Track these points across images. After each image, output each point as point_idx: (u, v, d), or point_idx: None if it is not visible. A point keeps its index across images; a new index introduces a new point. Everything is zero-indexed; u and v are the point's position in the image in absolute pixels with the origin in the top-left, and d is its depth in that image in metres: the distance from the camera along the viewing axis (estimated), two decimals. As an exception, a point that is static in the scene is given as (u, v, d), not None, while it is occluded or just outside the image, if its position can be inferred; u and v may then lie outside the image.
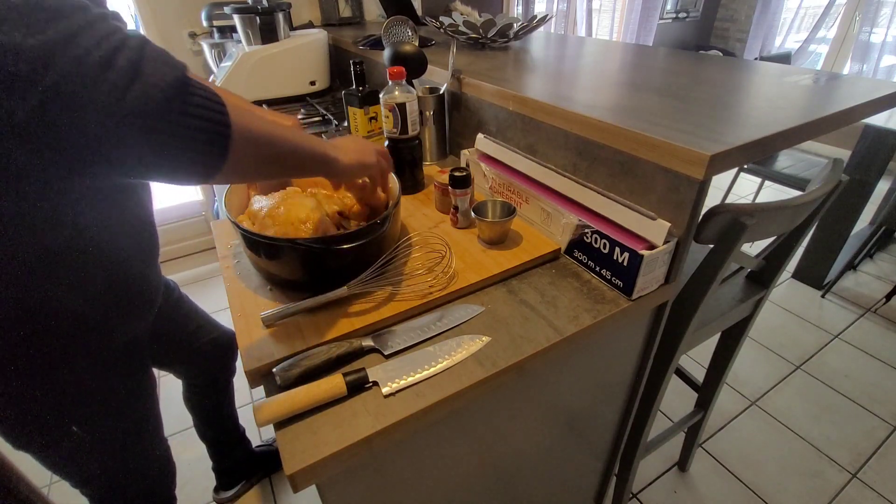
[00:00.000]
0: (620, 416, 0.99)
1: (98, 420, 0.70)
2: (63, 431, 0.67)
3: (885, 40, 3.18)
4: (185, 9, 1.83)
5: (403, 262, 0.75)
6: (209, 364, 1.05)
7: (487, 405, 0.66)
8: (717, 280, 0.78)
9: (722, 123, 0.66)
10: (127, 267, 0.66)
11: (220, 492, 1.31)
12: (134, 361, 0.74)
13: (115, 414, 0.72)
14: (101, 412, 0.70)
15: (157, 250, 0.76)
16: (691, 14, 3.72)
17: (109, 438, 0.73)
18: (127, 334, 0.69)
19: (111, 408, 0.71)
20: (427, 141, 1.11)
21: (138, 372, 0.76)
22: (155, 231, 0.73)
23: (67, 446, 0.69)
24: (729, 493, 1.33)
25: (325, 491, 0.55)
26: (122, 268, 0.65)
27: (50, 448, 0.68)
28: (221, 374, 1.11)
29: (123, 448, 0.76)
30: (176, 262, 2.36)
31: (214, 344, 1.02)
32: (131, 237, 0.65)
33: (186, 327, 0.95)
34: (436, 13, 1.43)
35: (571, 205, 0.77)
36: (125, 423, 0.74)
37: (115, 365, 0.69)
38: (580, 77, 0.98)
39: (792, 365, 1.75)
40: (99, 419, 0.70)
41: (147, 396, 0.78)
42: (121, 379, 0.71)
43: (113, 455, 0.75)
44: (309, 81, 1.63)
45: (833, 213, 1.97)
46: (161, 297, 0.80)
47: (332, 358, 0.58)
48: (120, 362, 0.70)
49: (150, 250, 0.72)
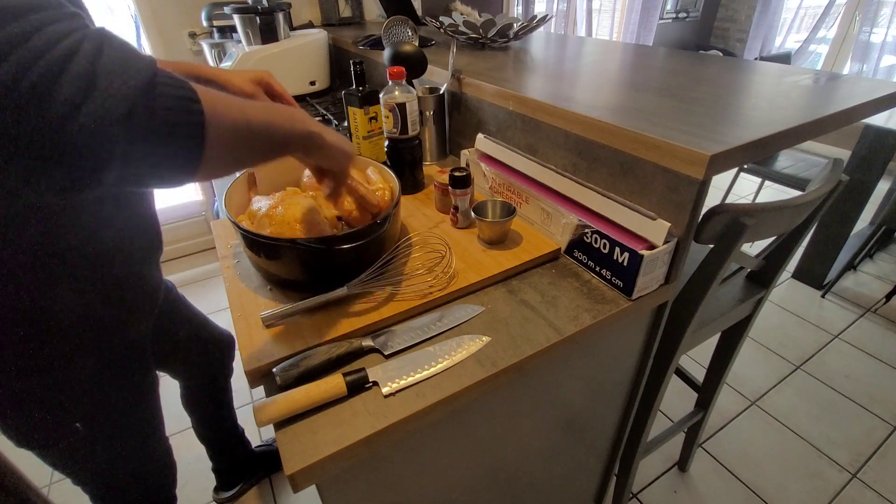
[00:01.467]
0: (620, 415, 0.99)
1: (99, 419, 0.70)
2: (65, 430, 0.67)
3: (885, 40, 3.18)
4: (185, 9, 1.83)
5: (403, 262, 0.75)
6: (207, 365, 1.05)
7: (487, 405, 0.66)
8: (717, 280, 0.78)
9: (722, 123, 0.66)
10: (129, 265, 0.65)
11: (219, 492, 1.31)
12: (136, 360, 0.74)
13: (117, 413, 0.72)
14: (103, 411, 0.70)
15: (160, 248, 0.76)
16: (691, 14, 3.72)
17: (110, 437, 0.73)
18: (129, 333, 0.69)
19: (113, 406, 0.71)
20: (427, 141, 1.11)
21: (140, 370, 0.76)
22: (158, 228, 0.73)
23: (68, 445, 0.69)
24: (729, 493, 1.33)
25: (325, 491, 0.55)
26: (125, 267, 0.64)
27: (51, 446, 0.68)
28: (219, 374, 1.11)
29: (124, 447, 0.76)
30: (176, 262, 2.36)
31: (212, 345, 1.02)
32: (134, 236, 0.65)
33: (184, 328, 0.95)
34: (436, 13, 1.43)
35: (571, 205, 0.77)
36: (127, 422, 0.74)
37: (118, 364, 0.70)
38: (580, 77, 0.98)
39: (792, 365, 1.75)
40: (100, 418, 0.70)
41: (149, 395, 0.78)
42: (123, 377, 0.71)
43: (114, 454, 0.75)
44: (309, 81, 1.63)
45: (833, 213, 1.97)
46: (162, 295, 0.80)
47: (332, 358, 0.58)
48: (122, 361, 0.70)
49: (153, 248, 0.72)
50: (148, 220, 0.69)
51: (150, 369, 0.79)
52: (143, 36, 1.85)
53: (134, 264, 0.66)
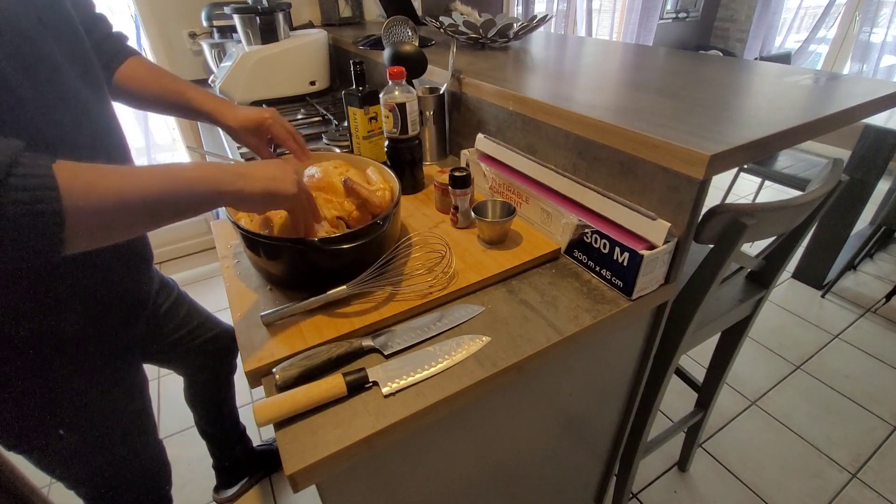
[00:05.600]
0: (620, 415, 0.99)
1: (86, 424, 0.69)
2: (49, 436, 0.66)
3: (885, 40, 3.18)
4: (185, 9, 1.83)
5: (403, 262, 0.75)
6: (210, 361, 1.06)
7: (487, 405, 0.66)
8: (717, 280, 0.78)
9: (722, 123, 0.66)
10: (108, 278, 0.64)
11: (220, 491, 1.31)
12: (122, 365, 0.73)
13: (104, 417, 0.71)
14: (89, 416, 0.69)
15: (148, 254, 0.75)
16: (691, 14, 3.72)
17: (99, 441, 0.72)
18: (111, 343, 0.68)
19: (99, 411, 0.70)
20: (427, 141, 1.11)
21: (127, 375, 0.74)
22: (145, 240, 0.73)
23: (55, 450, 0.68)
24: (729, 493, 1.33)
25: (325, 491, 0.55)
26: (102, 281, 0.63)
27: (36, 452, 0.67)
28: (222, 370, 1.12)
29: (114, 450, 0.75)
30: (176, 262, 2.37)
31: (215, 341, 1.02)
32: (112, 252, 0.63)
33: (186, 325, 0.95)
34: (436, 13, 1.43)
35: (571, 205, 0.77)
36: (115, 426, 0.73)
37: (101, 371, 0.68)
38: (580, 77, 0.98)
39: (792, 365, 1.75)
40: (86, 423, 0.69)
41: (136, 398, 0.77)
42: (108, 383, 0.70)
43: (104, 457, 0.74)
44: (309, 81, 1.63)
45: (833, 213, 1.97)
46: (151, 301, 0.79)
47: (332, 358, 0.58)
48: (106, 368, 0.69)
49: (138, 256, 0.71)
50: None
51: (138, 372, 0.78)
52: (143, 36, 1.85)
53: (113, 276, 0.65)
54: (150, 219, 0.47)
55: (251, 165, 0.56)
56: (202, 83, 1.92)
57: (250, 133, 0.76)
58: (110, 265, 0.65)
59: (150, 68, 0.76)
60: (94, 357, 0.67)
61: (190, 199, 0.49)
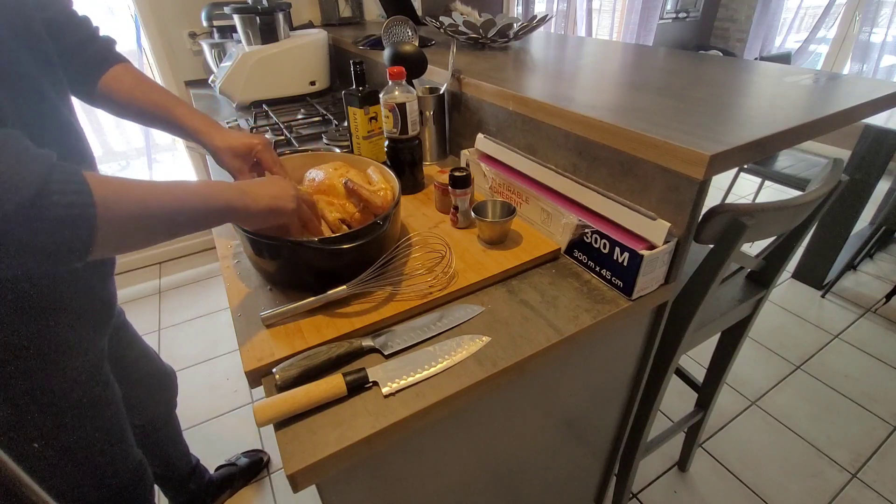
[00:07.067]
0: (620, 415, 0.99)
1: (58, 436, 0.66)
2: (21, 449, 0.64)
3: (885, 40, 3.18)
4: (185, 9, 1.83)
5: (403, 262, 0.75)
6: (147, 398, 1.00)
7: (487, 405, 0.66)
8: (717, 280, 0.78)
9: (722, 123, 0.66)
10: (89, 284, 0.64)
11: None
12: (93, 376, 0.70)
13: (77, 428, 0.68)
14: (61, 428, 0.66)
15: (114, 259, 0.73)
16: (691, 14, 3.72)
17: (73, 453, 0.69)
18: (90, 351, 0.67)
19: (71, 423, 0.67)
20: (427, 141, 1.11)
21: (98, 386, 0.71)
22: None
23: (30, 463, 0.65)
24: (729, 493, 1.33)
25: (325, 491, 0.55)
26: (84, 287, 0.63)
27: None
28: (160, 411, 1.05)
29: (90, 462, 0.72)
30: (176, 262, 2.37)
31: (153, 377, 0.99)
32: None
33: (128, 354, 0.91)
34: (436, 13, 1.43)
35: (571, 205, 0.77)
36: (89, 437, 0.71)
37: (70, 382, 0.66)
38: (580, 77, 0.98)
39: (792, 365, 1.75)
40: (59, 435, 0.66)
41: (108, 408, 0.74)
42: (79, 394, 0.68)
43: (80, 469, 0.71)
44: (309, 81, 1.64)
45: (833, 213, 1.97)
46: (116, 311, 0.76)
47: (332, 358, 0.58)
48: (77, 379, 0.67)
49: (109, 261, 0.70)
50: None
51: (110, 383, 0.74)
52: (143, 36, 1.85)
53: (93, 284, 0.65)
54: (168, 229, 0.49)
55: (252, 183, 0.59)
56: (202, 83, 1.92)
57: (237, 156, 0.74)
58: (87, 271, 0.64)
59: (138, 78, 0.74)
60: (61, 371, 0.64)
61: (206, 213, 0.53)
